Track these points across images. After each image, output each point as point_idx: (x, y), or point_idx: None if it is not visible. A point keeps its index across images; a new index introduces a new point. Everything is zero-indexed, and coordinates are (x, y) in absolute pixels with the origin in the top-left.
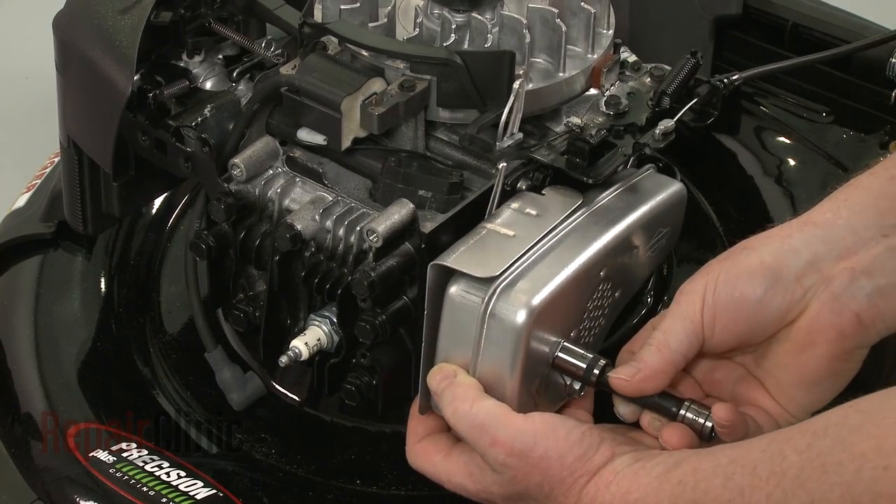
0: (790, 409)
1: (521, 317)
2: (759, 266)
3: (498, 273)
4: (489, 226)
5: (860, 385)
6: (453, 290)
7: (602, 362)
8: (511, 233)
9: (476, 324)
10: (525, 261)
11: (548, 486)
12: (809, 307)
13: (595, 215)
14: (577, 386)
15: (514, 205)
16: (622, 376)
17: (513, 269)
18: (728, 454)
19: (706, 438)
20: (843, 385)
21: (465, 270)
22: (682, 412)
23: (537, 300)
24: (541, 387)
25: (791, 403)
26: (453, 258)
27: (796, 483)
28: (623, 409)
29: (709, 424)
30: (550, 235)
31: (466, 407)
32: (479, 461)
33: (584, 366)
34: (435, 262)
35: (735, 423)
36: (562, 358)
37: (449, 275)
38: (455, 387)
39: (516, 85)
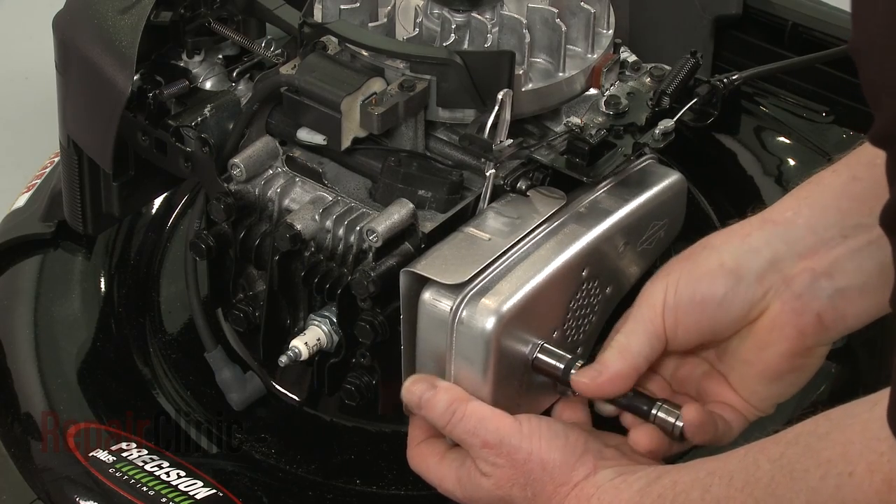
0: (753, 402)
1: (489, 324)
2: (719, 268)
3: (465, 280)
4: (466, 230)
5: (858, 385)
6: (426, 295)
7: (579, 363)
8: (487, 237)
9: (447, 330)
10: (499, 266)
11: (531, 492)
12: (771, 306)
13: (580, 214)
14: None
15: (496, 208)
16: (584, 379)
17: (485, 274)
18: (706, 466)
19: (677, 439)
20: (806, 379)
21: (433, 277)
22: (654, 412)
23: (506, 307)
24: (522, 387)
25: (754, 397)
26: (423, 264)
27: (767, 491)
28: (602, 406)
29: (679, 424)
30: (529, 238)
31: (459, 416)
32: (468, 467)
33: (562, 366)
34: (406, 268)
35: (704, 424)
36: (541, 359)
37: (423, 280)
38: (441, 394)
39: (500, 95)
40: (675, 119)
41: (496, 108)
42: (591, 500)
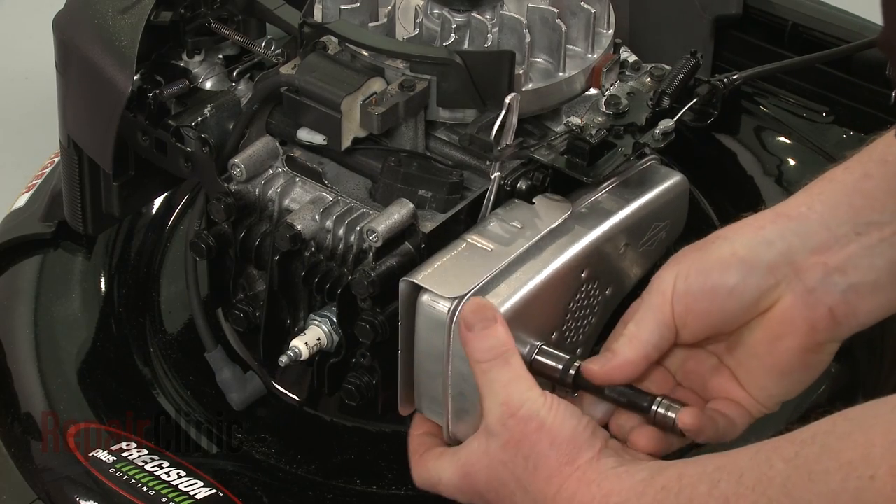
0: (761, 399)
1: None
2: (731, 257)
3: (464, 293)
4: (469, 238)
5: (858, 385)
6: (424, 297)
7: (577, 363)
8: (490, 247)
9: (444, 331)
10: (498, 270)
11: (532, 464)
12: (783, 299)
13: (580, 215)
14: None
15: (499, 215)
16: (593, 366)
17: (483, 278)
18: (715, 462)
19: (677, 433)
20: (814, 377)
21: (432, 289)
22: (655, 407)
23: (504, 309)
24: None
25: (762, 393)
26: (423, 276)
27: (782, 491)
28: (590, 411)
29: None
30: (530, 244)
31: (501, 361)
32: (469, 454)
33: (560, 367)
34: (405, 277)
35: (701, 427)
36: (539, 361)
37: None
38: (499, 329)
39: (508, 99)
40: (675, 119)
41: (503, 111)
42: (591, 486)
